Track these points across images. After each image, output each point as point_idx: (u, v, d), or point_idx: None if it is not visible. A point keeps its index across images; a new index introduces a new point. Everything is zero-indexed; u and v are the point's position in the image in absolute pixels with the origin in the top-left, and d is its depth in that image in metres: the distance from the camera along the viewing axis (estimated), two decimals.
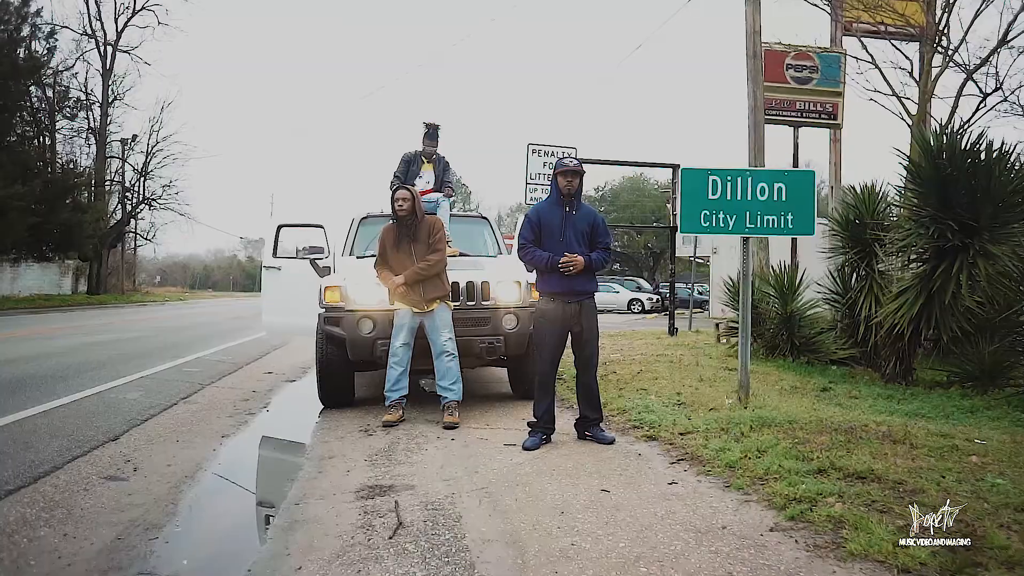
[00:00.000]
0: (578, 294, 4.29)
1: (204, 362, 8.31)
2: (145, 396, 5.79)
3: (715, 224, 4.79)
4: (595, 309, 4.42)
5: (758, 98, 10.72)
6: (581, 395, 4.49)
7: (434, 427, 4.89)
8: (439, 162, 6.66)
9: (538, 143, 10.74)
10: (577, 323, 4.31)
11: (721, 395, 5.51)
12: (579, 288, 4.27)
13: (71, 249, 29.52)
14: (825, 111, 13.14)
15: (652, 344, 11.10)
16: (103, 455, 3.92)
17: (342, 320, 5.34)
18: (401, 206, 5.11)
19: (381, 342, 5.26)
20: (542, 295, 4.38)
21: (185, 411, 5.32)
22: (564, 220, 4.28)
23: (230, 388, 6.60)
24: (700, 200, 4.79)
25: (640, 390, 5.97)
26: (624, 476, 3.56)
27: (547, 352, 4.34)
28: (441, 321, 5.11)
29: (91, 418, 4.85)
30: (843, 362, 7.76)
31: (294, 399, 6.31)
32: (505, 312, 5.49)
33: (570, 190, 4.28)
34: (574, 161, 4.31)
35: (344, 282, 5.42)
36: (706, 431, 4.26)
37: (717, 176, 4.78)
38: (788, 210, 4.73)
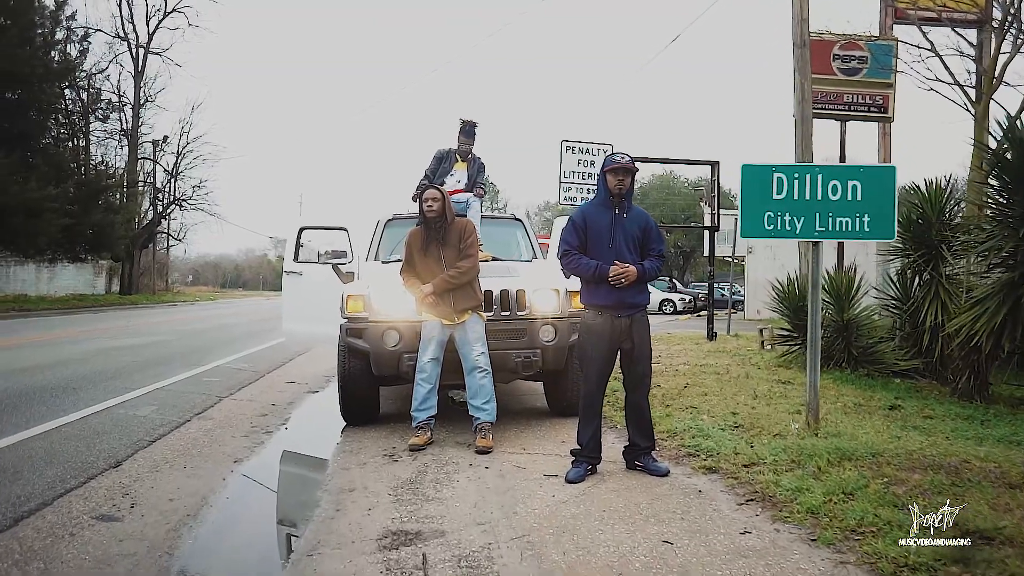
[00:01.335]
0: (629, 307, 3.80)
1: (224, 370, 7.98)
2: (157, 412, 5.44)
3: (780, 227, 4.26)
4: (647, 323, 3.93)
5: (806, 90, 10.08)
6: (631, 419, 4.00)
7: (465, 451, 4.45)
8: (474, 162, 6.24)
9: (572, 140, 10.24)
10: (627, 339, 3.83)
11: (782, 416, 4.98)
12: (630, 300, 3.78)
13: (104, 250, 29.78)
14: (875, 104, 12.41)
15: (692, 351, 10.55)
16: (100, 487, 3.54)
17: (365, 332, 4.93)
18: (430, 207, 4.67)
19: (408, 356, 4.84)
20: (588, 308, 3.90)
21: (198, 430, 4.95)
22: (613, 224, 3.80)
23: (248, 401, 6.24)
24: (763, 200, 4.26)
25: (690, 408, 5.45)
26: (686, 521, 3.07)
27: (594, 372, 3.86)
28: (473, 334, 4.66)
29: (94, 440, 4.49)
30: (905, 374, 7.14)
31: (315, 414, 5.93)
32: (542, 323, 5.02)
33: (621, 190, 3.79)
34: (626, 157, 3.81)
35: (368, 290, 5.01)
36: (774, 463, 3.74)
37: (783, 173, 4.25)
38: (864, 211, 4.18)
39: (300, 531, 3.05)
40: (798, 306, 8.17)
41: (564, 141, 10.26)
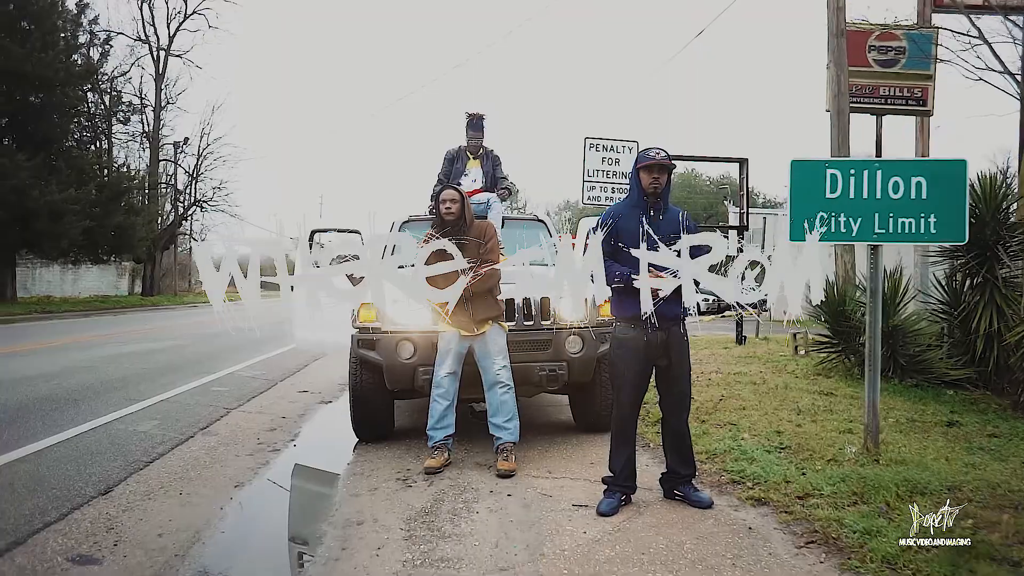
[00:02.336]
0: (665, 320, 3.40)
1: (235, 379, 7.70)
2: (159, 427, 5.14)
3: (833, 230, 3.83)
4: (686, 338, 3.53)
5: (842, 82, 9.56)
6: (669, 444, 3.61)
7: (486, 474, 4.08)
8: (487, 157, 5.88)
9: (595, 137, 9.82)
10: (663, 355, 3.44)
11: (832, 435, 4.54)
12: (666, 312, 3.38)
13: (125, 251, 29.89)
14: (913, 96, 11.83)
15: (721, 356, 10.09)
16: (84, 519, 3.22)
17: (378, 343, 4.59)
18: (448, 209, 4.31)
19: (423, 370, 4.49)
20: (619, 321, 3.52)
21: (200, 448, 4.63)
22: (647, 227, 3.41)
23: (257, 413, 5.93)
24: (815, 200, 3.84)
25: (728, 424, 5.03)
26: (739, 568, 2.67)
27: (627, 391, 3.48)
28: (494, 346, 4.30)
29: (87, 461, 4.18)
30: (956, 384, 6.64)
31: (326, 428, 5.59)
32: (568, 333, 4.64)
33: (656, 189, 3.40)
34: (661, 152, 3.41)
35: None
36: (833, 496, 3.32)
37: (837, 169, 3.82)
38: (930, 211, 3.73)
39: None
40: (837, 311, 7.69)
41: (588, 138, 9.83)
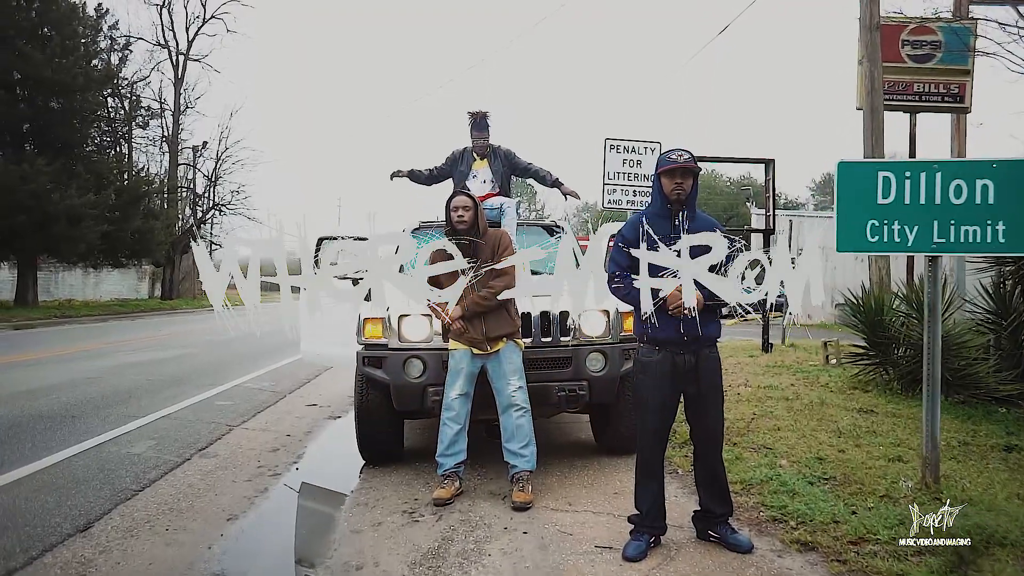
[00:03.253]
0: (694, 341, 3.04)
1: (242, 391, 7.43)
2: (155, 448, 4.86)
3: (887, 239, 3.43)
4: (718, 362, 3.16)
5: (876, 78, 9.10)
6: (701, 480, 3.24)
7: (500, 506, 3.74)
8: (495, 156, 5.40)
9: (616, 137, 9.43)
10: (692, 381, 3.08)
11: (880, 463, 4.13)
12: (695, 333, 3.02)
13: (144, 255, 30.01)
14: (950, 93, 11.29)
15: (748, 365, 9.65)
16: (54, 564, 2.92)
17: (385, 361, 4.28)
18: (460, 217, 3.98)
19: (433, 390, 4.17)
20: (643, 342, 3.16)
21: (196, 472, 4.34)
22: (673, 237, 3.05)
23: (261, 430, 5.64)
24: (865, 206, 3.45)
25: (763, 448, 4.64)
26: None
27: (651, 420, 3.12)
28: (509, 365, 3.96)
29: (70, 492, 3.88)
30: (1007, 400, 6.18)
31: (333, 447, 5.29)
32: (590, 350, 4.29)
33: (680, 195, 3.05)
34: (684, 154, 3.06)
35: (388, 312, 4.35)
36: (892, 543, 2.93)
37: (891, 172, 3.42)
38: (998, 218, 3.33)
39: None
40: (875, 320, 7.24)
41: (608, 139, 9.45)
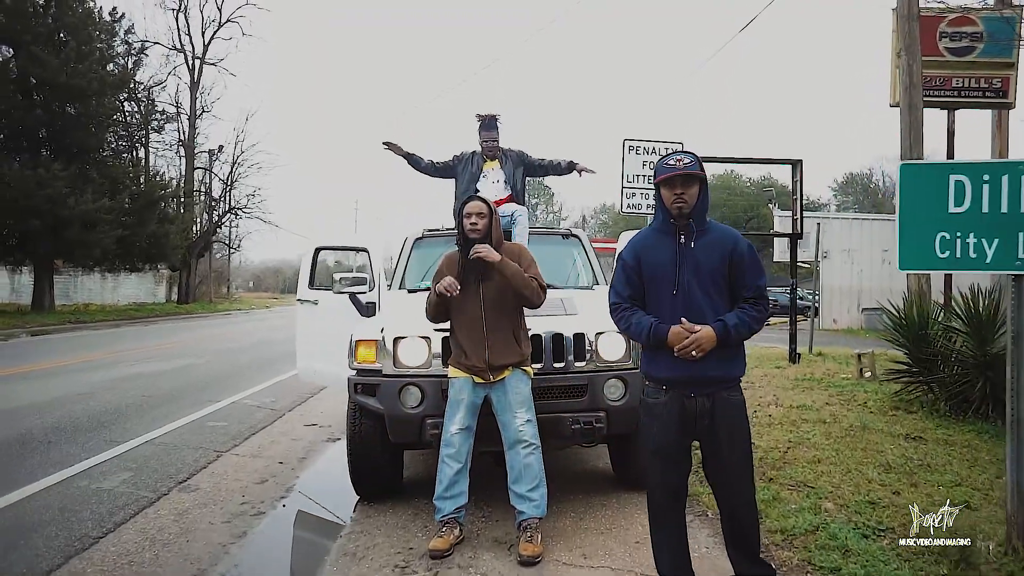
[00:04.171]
0: (708, 383, 2.52)
1: (238, 409, 7.03)
2: (130, 481, 4.42)
3: (960, 254, 2.91)
4: (741, 406, 2.59)
5: (914, 72, 8.49)
6: (729, 539, 2.71)
7: (504, 558, 3.28)
8: (507, 158, 4.96)
9: (635, 138, 8.92)
10: (707, 429, 2.54)
11: (943, 505, 3.59)
12: (707, 374, 2.50)
13: (159, 259, 30.01)
14: (992, 88, 10.62)
15: (775, 378, 9.09)
16: None
17: (379, 389, 3.83)
18: (473, 225, 3.51)
19: (432, 421, 3.72)
20: (648, 381, 2.67)
21: (170, 512, 3.91)
22: (679, 257, 2.54)
23: (252, 456, 5.23)
24: (933, 216, 2.93)
25: (803, 486, 4.12)
26: None
27: (659, 473, 2.61)
28: (516, 396, 3.50)
29: (17, 541, 3.42)
30: None
31: (328, 476, 4.86)
32: (608, 376, 3.81)
33: (682, 208, 2.51)
34: (685, 159, 2.51)
35: (383, 333, 3.90)
36: None
37: (965, 176, 2.90)
38: None
39: None
40: (918, 335, 6.67)
41: (627, 140, 8.94)
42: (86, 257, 23.88)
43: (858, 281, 24.28)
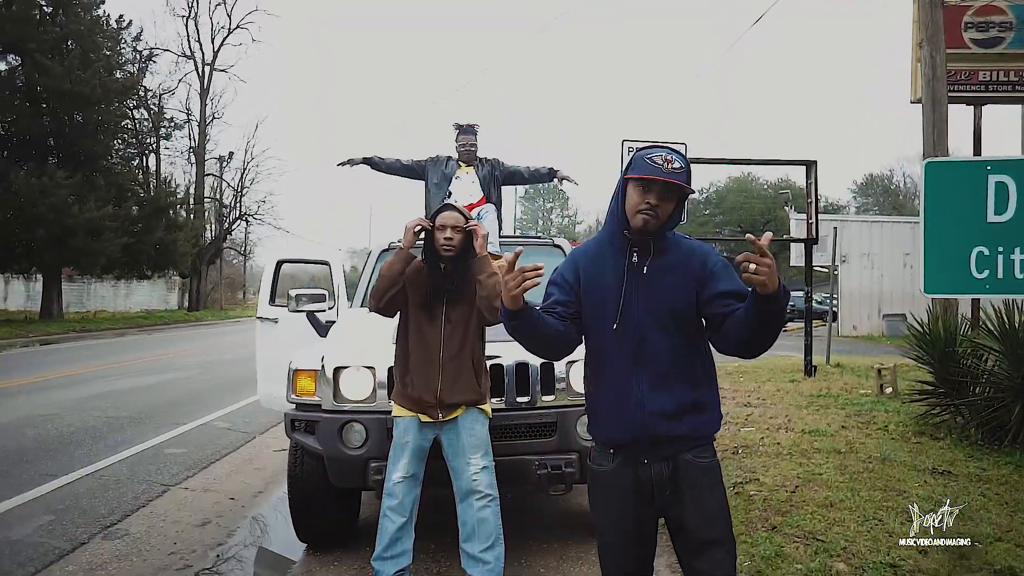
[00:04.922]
0: (667, 443, 1.90)
1: (206, 432, 6.57)
2: (48, 528, 3.90)
3: (1002, 274, 2.33)
4: (715, 471, 1.96)
5: (938, 64, 7.86)
6: None
7: None
8: (483, 164, 4.68)
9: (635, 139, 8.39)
10: (673, 503, 1.93)
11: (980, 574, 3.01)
12: (669, 432, 1.89)
13: (168, 267, 29.90)
14: (1022, 81, 9.95)
15: (787, 394, 8.48)
16: None
17: (318, 426, 3.35)
18: (448, 240, 2.99)
19: (377, 465, 3.25)
20: (595, 442, 2.07)
21: (79, 568, 3.40)
22: (627, 281, 1.92)
23: (203, 491, 4.75)
24: (969, 224, 2.35)
25: (811, 538, 3.54)
26: None
27: (610, 557, 2.02)
28: (470, 438, 3.00)
29: None
30: None
31: (280, 516, 4.36)
32: (582, 412, 3.26)
33: (647, 222, 1.86)
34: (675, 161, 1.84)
35: (324, 361, 3.41)
36: None
37: (1008, 176, 2.32)
38: None
39: None
40: (944, 352, 6.03)
41: (626, 141, 8.41)
42: (92, 265, 23.75)
43: (878, 286, 23.39)
